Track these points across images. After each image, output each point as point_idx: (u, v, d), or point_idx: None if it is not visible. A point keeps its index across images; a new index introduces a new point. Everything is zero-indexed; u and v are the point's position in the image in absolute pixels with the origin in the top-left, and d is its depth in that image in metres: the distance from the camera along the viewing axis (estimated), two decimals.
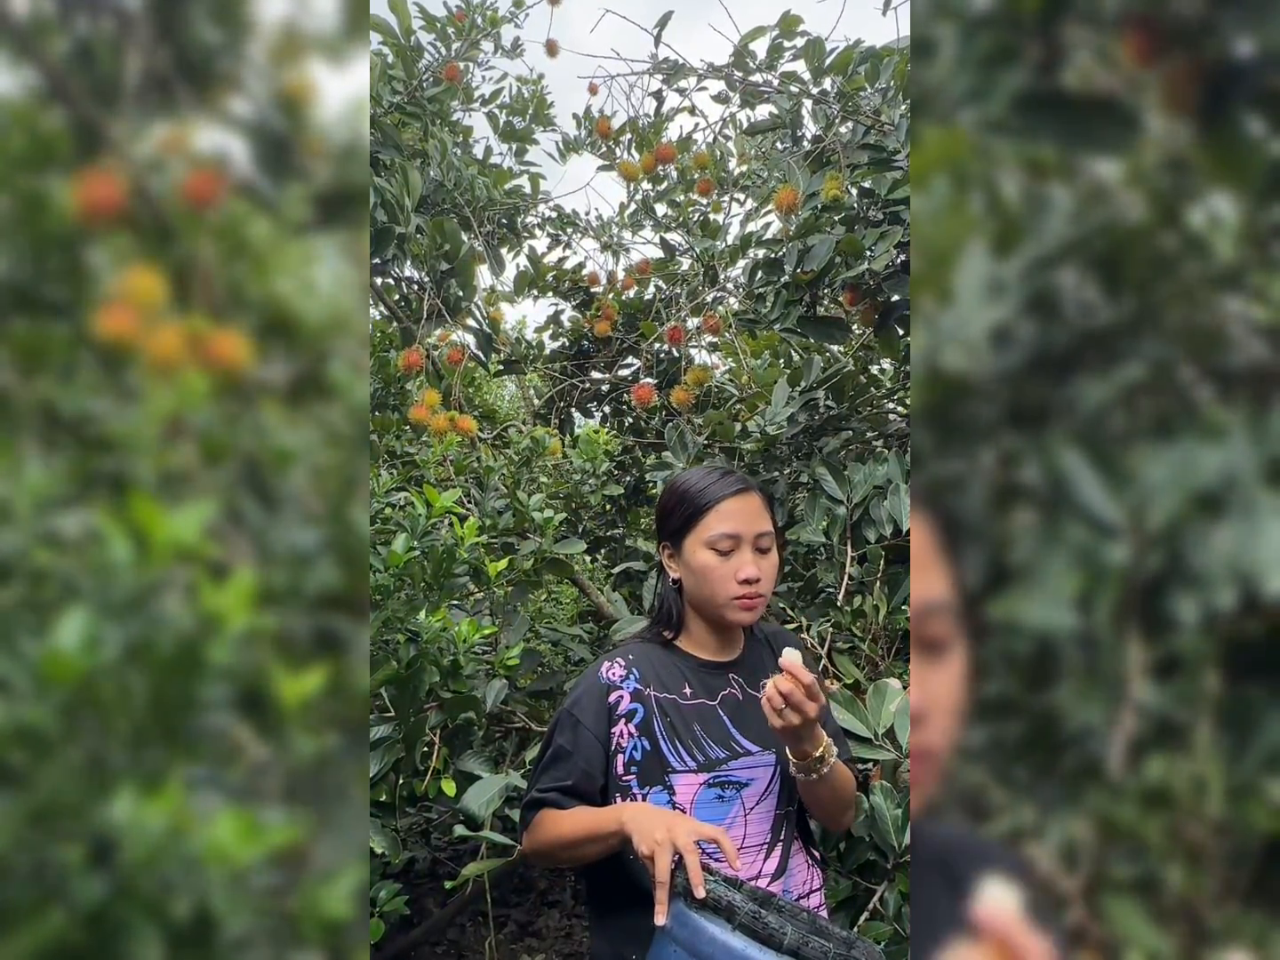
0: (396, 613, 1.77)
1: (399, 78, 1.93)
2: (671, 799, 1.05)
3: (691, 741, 1.07)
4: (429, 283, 1.95)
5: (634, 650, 1.12)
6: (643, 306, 2.36)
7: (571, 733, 1.06)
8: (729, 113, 1.61)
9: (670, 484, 1.14)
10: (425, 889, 2.34)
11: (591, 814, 1.03)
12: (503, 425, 2.33)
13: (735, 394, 1.90)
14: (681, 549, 1.10)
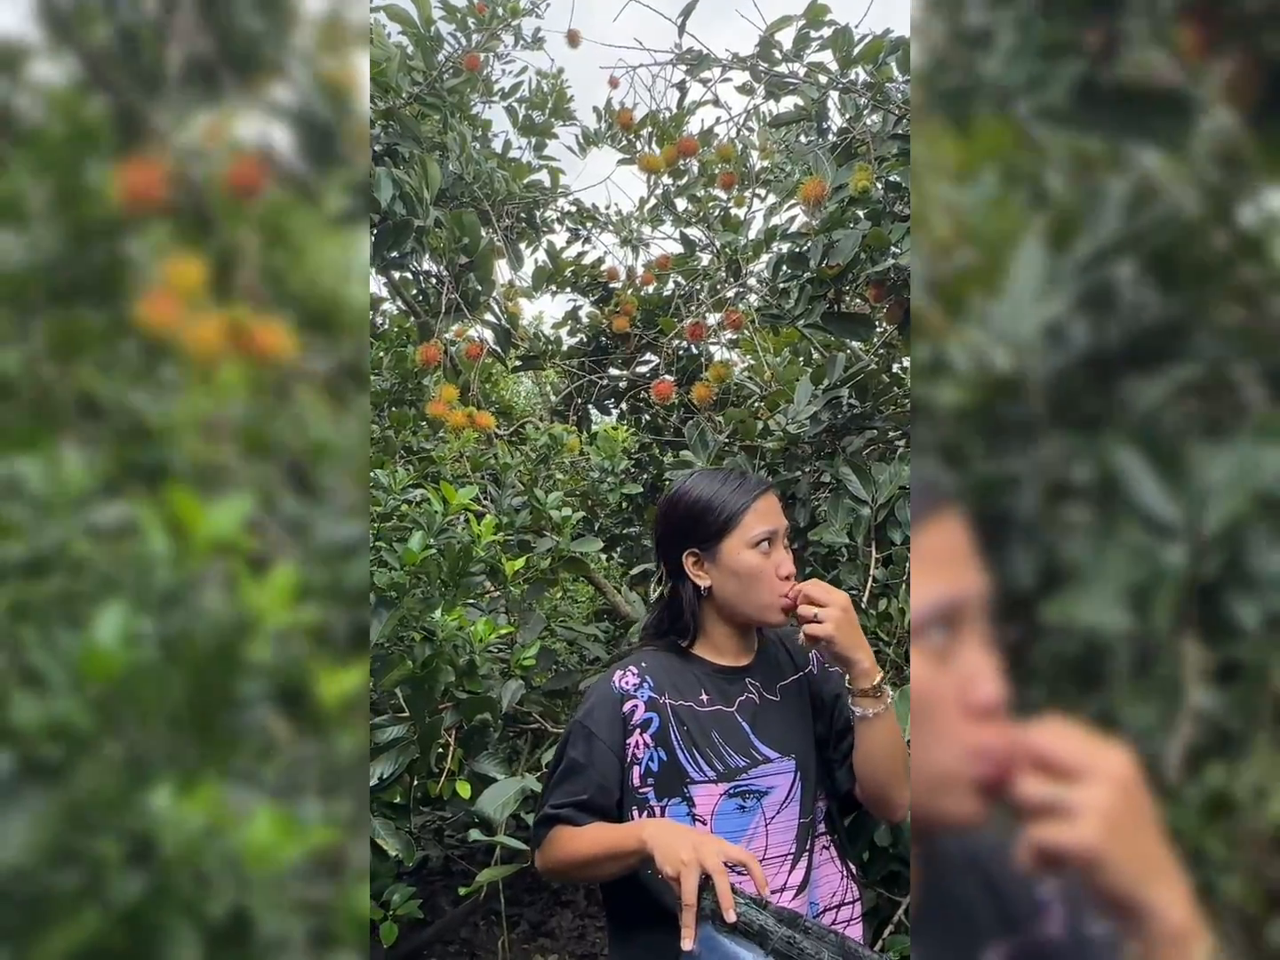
0: (412, 611, 1.76)
1: (419, 68, 1.92)
2: (691, 811, 1.02)
3: (710, 750, 1.04)
4: (447, 276, 1.94)
5: (646, 658, 1.09)
6: (661, 302, 2.35)
7: (585, 745, 1.03)
8: (753, 104, 1.59)
9: (684, 493, 1.08)
10: (438, 887, 2.33)
11: (609, 831, 0.99)
12: (519, 422, 2.32)
13: (755, 391, 1.89)
14: (718, 554, 1.06)
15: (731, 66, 1.57)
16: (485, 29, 2.00)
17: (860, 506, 1.52)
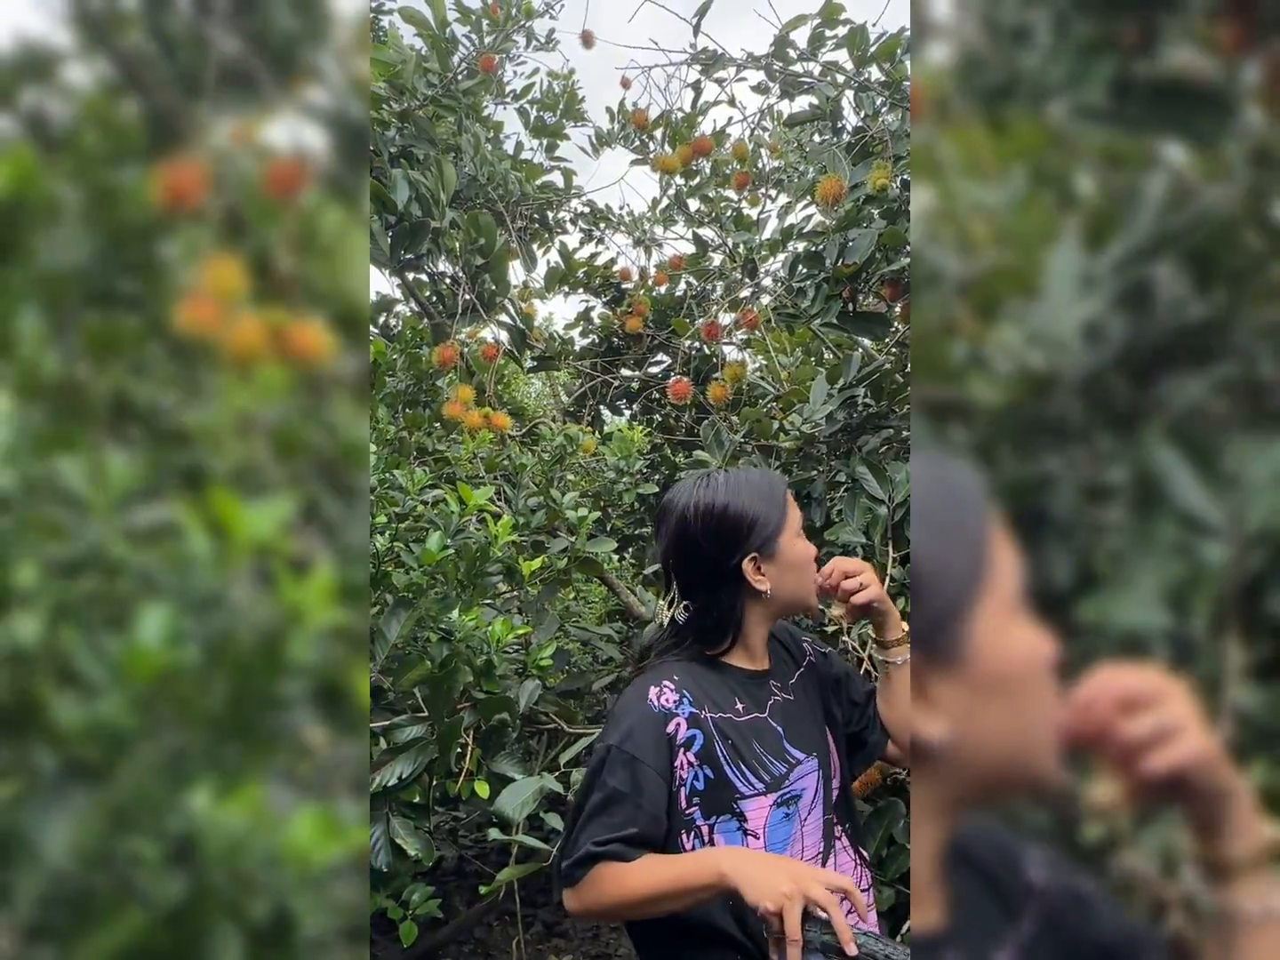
0: (429, 611, 1.76)
1: (433, 70, 1.92)
2: (742, 826, 0.96)
3: (755, 761, 0.99)
4: (463, 278, 1.94)
5: (677, 670, 1.01)
6: (674, 303, 2.35)
7: (627, 772, 0.93)
8: (767, 104, 1.59)
9: (721, 503, 1.02)
10: (452, 886, 2.33)
11: (671, 864, 0.90)
12: (531, 422, 2.32)
13: (770, 391, 1.88)
14: (777, 550, 1.02)
15: (746, 66, 1.57)
16: (499, 30, 2.00)
17: (877, 506, 1.52)
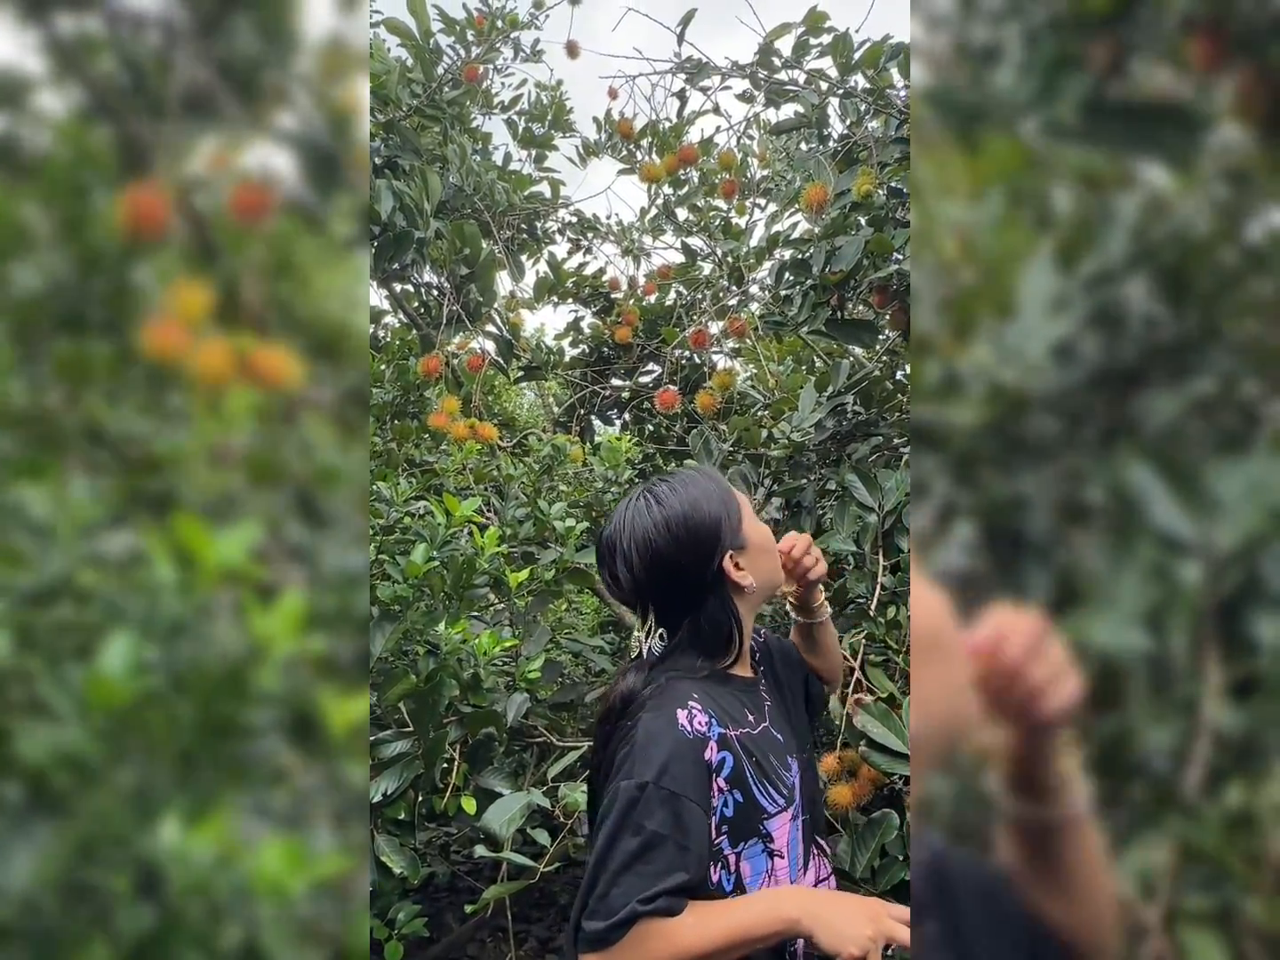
0: (416, 624, 1.75)
1: (418, 80, 1.92)
2: (768, 848, 0.89)
3: (774, 775, 0.92)
4: (448, 288, 1.94)
5: (695, 689, 0.91)
6: (663, 312, 2.35)
7: (667, 810, 0.80)
8: (753, 112, 1.59)
9: (684, 510, 0.94)
10: (444, 904, 2.32)
11: (730, 913, 0.80)
12: (522, 433, 2.32)
13: (759, 399, 1.88)
14: (746, 541, 0.96)
15: (731, 74, 1.57)
16: (484, 41, 2.00)
17: (867, 514, 1.52)
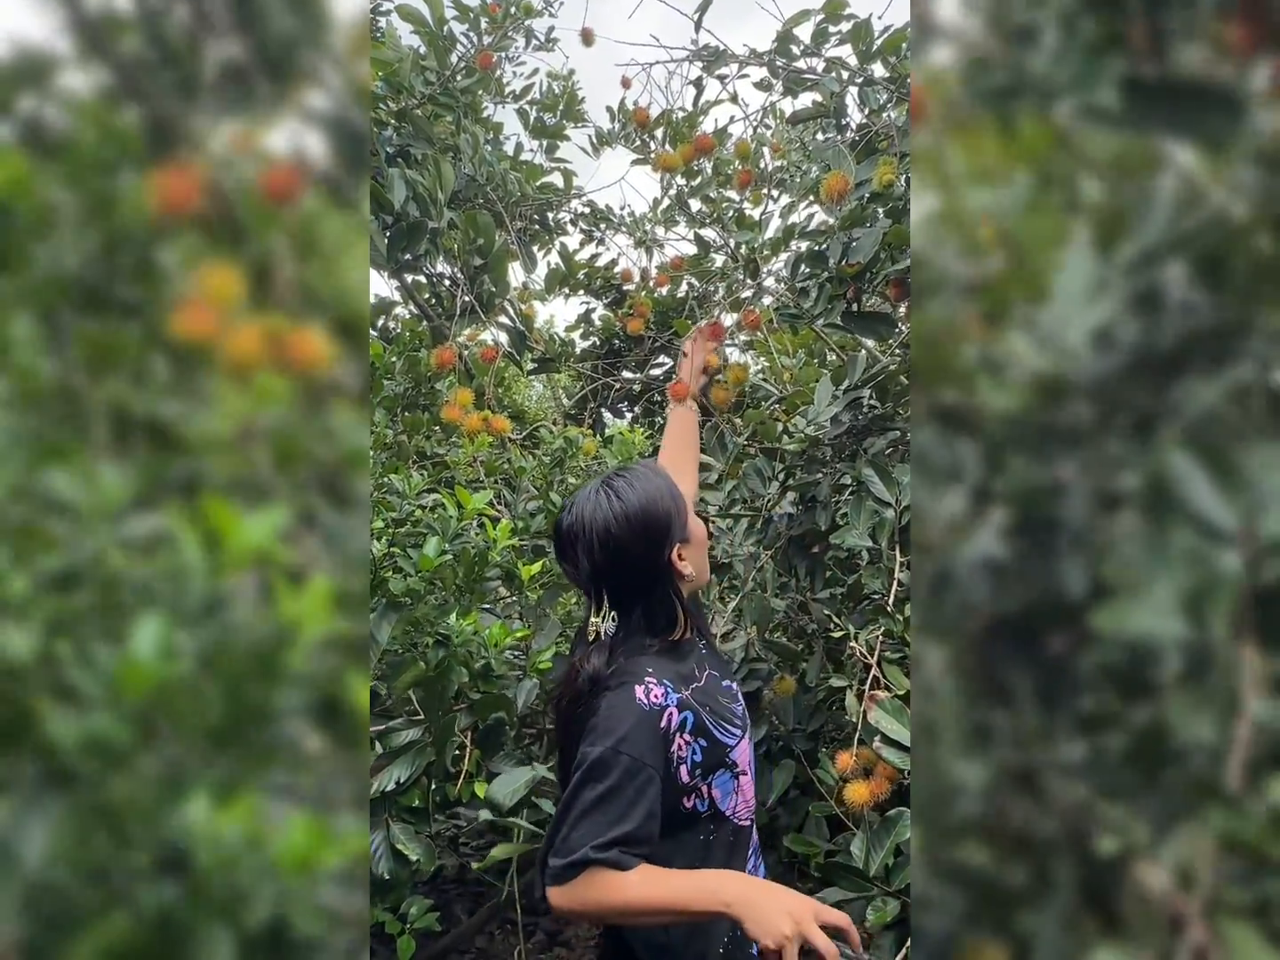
0: (427, 616, 1.74)
1: (431, 68, 1.90)
2: (734, 772, 1.05)
3: (727, 712, 1.08)
4: (462, 279, 1.92)
5: (651, 664, 1.04)
6: (675, 304, 2.33)
7: (624, 770, 0.94)
8: (770, 101, 1.58)
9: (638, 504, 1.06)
10: (453, 895, 2.32)
11: (672, 883, 0.90)
12: (532, 425, 2.31)
13: (773, 393, 1.87)
14: (689, 535, 1.11)
15: (749, 62, 1.55)
16: (498, 28, 1.98)
17: (883, 509, 1.51)
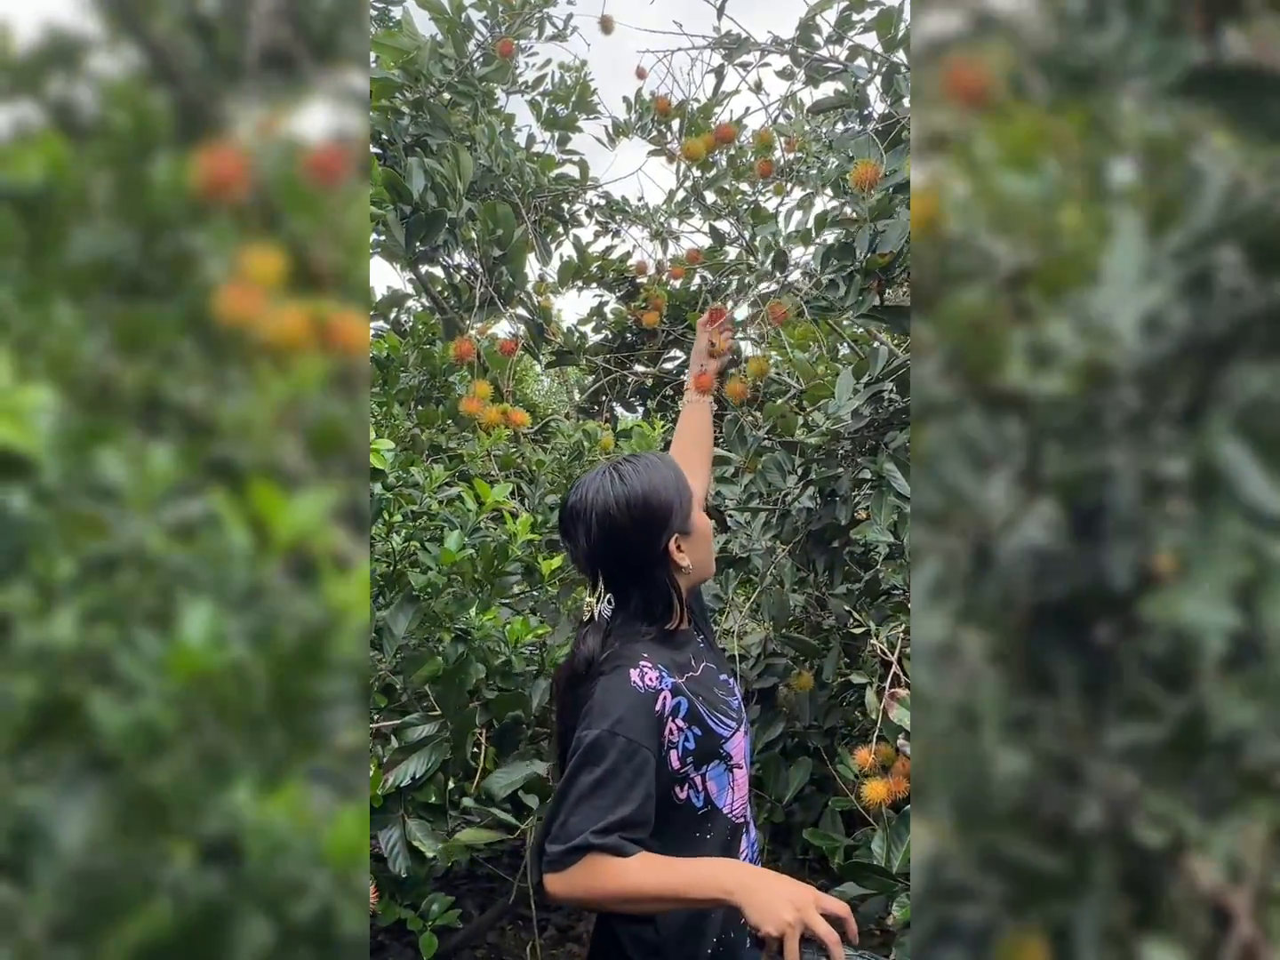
0: (445, 610, 1.73)
1: (449, 56, 1.89)
2: (728, 764, 1.05)
3: (722, 704, 1.08)
4: (481, 270, 1.91)
5: (646, 649, 1.05)
6: (689, 297, 2.32)
7: (620, 753, 0.94)
8: (791, 90, 1.56)
9: (637, 491, 1.06)
10: (465, 891, 2.32)
11: (673, 870, 0.89)
12: (545, 419, 2.30)
13: (790, 386, 1.86)
14: (692, 527, 1.11)
15: (771, 50, 1.54)
16: (517, 15, 1.97)
17: (904, 503, 1.50)
